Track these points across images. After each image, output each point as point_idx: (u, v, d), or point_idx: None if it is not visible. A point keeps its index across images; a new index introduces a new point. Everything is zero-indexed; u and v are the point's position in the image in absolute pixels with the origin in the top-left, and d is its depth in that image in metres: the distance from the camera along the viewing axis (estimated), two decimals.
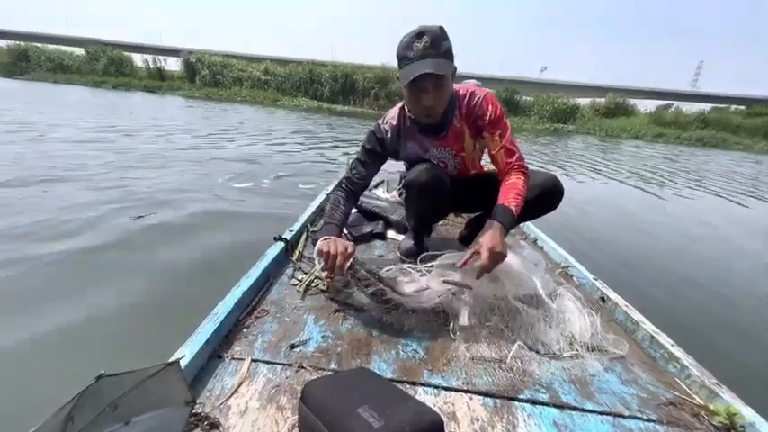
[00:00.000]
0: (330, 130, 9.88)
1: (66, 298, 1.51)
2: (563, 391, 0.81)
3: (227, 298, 0.95)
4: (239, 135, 7.01)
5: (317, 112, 16.73)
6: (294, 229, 1.46)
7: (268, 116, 12.54)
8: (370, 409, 0.57)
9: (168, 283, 1.68)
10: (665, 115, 22.00)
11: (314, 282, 1.16)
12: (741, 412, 0.75)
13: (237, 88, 21.98)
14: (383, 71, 22.07)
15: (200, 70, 22.80)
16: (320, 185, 3.21)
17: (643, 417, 0.76)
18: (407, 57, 1.07)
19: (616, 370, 0.90)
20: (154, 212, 2.51)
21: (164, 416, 0.54)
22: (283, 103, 19.56)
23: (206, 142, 5.81)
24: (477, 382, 0.81)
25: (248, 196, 3.12)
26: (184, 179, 3.43)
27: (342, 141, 7.56)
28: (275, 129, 8.76)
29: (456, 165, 1.33)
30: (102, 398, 0.45)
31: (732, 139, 19.44)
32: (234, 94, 20.88)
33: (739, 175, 8.65)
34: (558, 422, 0.73)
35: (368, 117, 15.66)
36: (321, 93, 21.90)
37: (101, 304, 1.49)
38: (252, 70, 23.27)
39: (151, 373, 0.50)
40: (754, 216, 4.67)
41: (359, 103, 21.47)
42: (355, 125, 11.69)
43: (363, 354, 0.87)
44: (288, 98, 21.05)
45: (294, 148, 6.03)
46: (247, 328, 0.93)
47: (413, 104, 1.17)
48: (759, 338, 1.76)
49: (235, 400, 0.71)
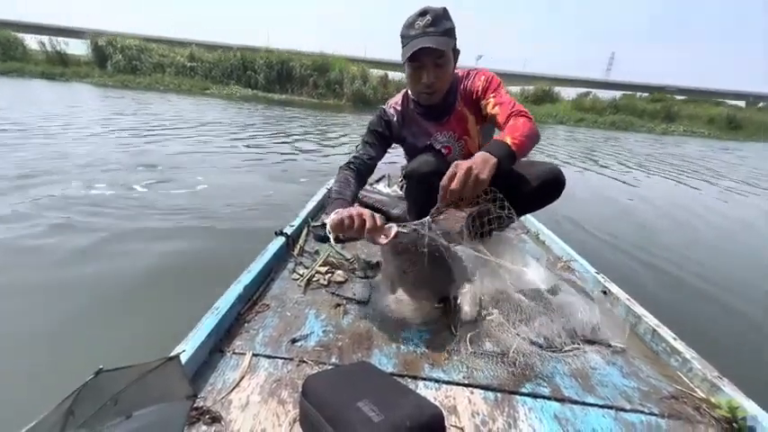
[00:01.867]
0: (285, 121, 8.71)
1: (65, 293, 1.52)
2: (564, 384, 0.81)
3: (228, 292, 0.95)
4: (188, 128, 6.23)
5: (252, 100, 15.13)
6: (295, 223, 1.46)
7: (208, 107, 10.94)
8: (371, 404, 0.57)
9: (169, 278, 1.68)
10: (585, 102, 23.63)
11: (315, 276, 1.16)
12: (743, 405, 0.75)
13: (159, 75, 18.93)
14: (321, 58, 20.30)
15: (113, 55, 19.25)
16: (317, 182, 3.20)
17: (644, 410, 0.76)
18: (409, 35, 1.10)
19: (617, 363, 0.90)
20: (147, 209, 2.51)
21: (165, 410, 0.54)
22: (213, 92, 17.41)
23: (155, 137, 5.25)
24: (478, 376, 0.81)
25: (248, 189, 3.12)
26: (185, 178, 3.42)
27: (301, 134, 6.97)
28: (216, 121, 7.73)
29: (460, 149, 1.32)
30: (103, 392, 0.45)
31: (638, 122, 21.61)
32: (155, 82, 17.95)
33: (652, 155, 9.32)
34: (559, 416, 0.73)
35: (308, 106, 14.81)
36: (255, 80, 19.55)
37: (101, 299, 1.50)
38: (175, 56, 20.23)
39: (151, 368, 0.50)
40: (700, 196, 4.91)
41: (297, 91, 19.52)
42: (300, 115, 10.47)
43: (364, 348, 0.87)
44: (218, 86, 18.67)
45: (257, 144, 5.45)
46: (248, 322, 0.93)
47: (413, 82, 1.18)
48: (761, 331, 1.76)
49: (236, 395, 0.71)
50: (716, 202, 4.73)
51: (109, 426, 0.46)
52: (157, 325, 1.33)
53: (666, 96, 26.60)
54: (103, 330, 1.34)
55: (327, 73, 19.62)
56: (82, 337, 1.30)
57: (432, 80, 1.14)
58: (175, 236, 2.12)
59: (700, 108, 24.27)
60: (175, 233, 2.15)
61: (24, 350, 1.23)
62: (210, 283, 1.08)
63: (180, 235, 2.13)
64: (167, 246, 1.98)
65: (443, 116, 1.26)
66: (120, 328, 1.36)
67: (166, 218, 2.36)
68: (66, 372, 0.65)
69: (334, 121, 10.10)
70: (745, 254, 2.89)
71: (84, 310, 1.42)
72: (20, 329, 1.30)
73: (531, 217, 1.87)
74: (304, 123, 8.76)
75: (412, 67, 1.14)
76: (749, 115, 24.03)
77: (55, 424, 0.40)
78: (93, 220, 2.22)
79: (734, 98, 32.21)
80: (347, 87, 19.00)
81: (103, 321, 1.38)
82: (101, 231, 2.07)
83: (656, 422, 0.74)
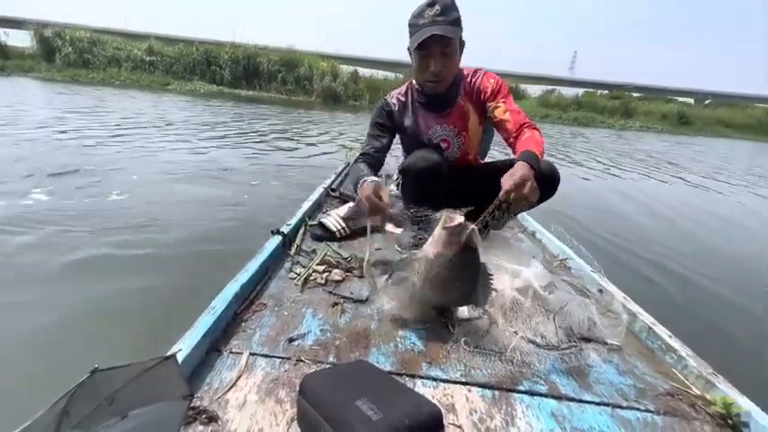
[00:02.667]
0: (258, 119, 8.31)
1: (60, 292, 1.51)
2: (561, 382, 0.81)
3: (224, 292, 0.94)
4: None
5: (218, 97, 14.36)
6: (292, 222, 1.45)
7: (170, 104, 10.25)
8: (369, 402, 0.57)
9: (165, 277, 1.67)
10: (550, 98, 24.40)
11: (312, 275, 1.16)
12: (737, 402, 0.76)
13: (115, 70, 17.64)
14: (289, 53, 19.54)
15: (62, 47, 17.68)
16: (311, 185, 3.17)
17: (640, 407, 0.77)
18: (417, 24, 1.13)
19: (614, 361, 0.91)
20: (145, 209, 2.49)
21: (161, 410, 0.53)
22: (175, 88, 16.39)
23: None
24: (476, 375, 0.81)
25: (247, 191, 3.11)
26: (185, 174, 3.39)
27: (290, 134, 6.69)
28: (184, 119, 7.20)
29: (459, 144, 1.34)
30: (98, 392, 0.44)
31: (599, 118, 22.56)
32: (110, 77, 16.73)
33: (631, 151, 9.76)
34: (555, 413, 0.73)
35: (277, 102, 14.08)
36: (221, 76, 18.54)
37: (98, 299, 1.49)
38: (132, 49, 18.83)
39: (147, 367, 0.49)
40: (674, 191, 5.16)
41: (265, 87, 18.62)
42: (269, 112, 9.90)
43: (362, 347, 0.87)
44: (180, 82, 17.54)
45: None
46: (245, 321, 0.92)
47: (420, 70, 1.21)
48: (755, 329, 1.78)
49: (233, 394, 0.71)
50: (696, 197, 4.89)
51: (104, 426, 0.46)
52: (154, 324, 1.32)
53: (624, 94, 27.82)
54: (99, 330, 1.33)
55: (296, 69, 18.88)
56: (77, 336, 1.28)
57: (439, 68, 1.17)
58: (165, 238, 2.10)
59: (653, 105, 25.61)
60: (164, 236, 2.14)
61: (19, 350, 1.21)
62: (207, 283, 1.07)
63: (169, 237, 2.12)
64: (158, 249, 1.96)
65: (445, 108, 1.29)
66: (117, 327, 1.35)
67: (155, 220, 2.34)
68: (62, 371, 0.64)
69: (309, 118, 9.58)
70: (739, 251, 2.92)
71: (80, 310, 1.41)
72: (14, 329, 1.29)
73: (527, 215, 1.88)
74: (276, 122, 8.26)
75: (420, 56, 1.17)
76: (697, 112, 25.65)
77: (49, 424, 0.39)
78: (87, 219, 2.20)
79: (684, 96, 34.37)
80: (317, 84, 18.36)
81: (99, 321, 1.37)
82: (93, 230, 2.06)
83: (652, 419, 0.74)
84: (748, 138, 22.13)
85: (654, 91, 34.46)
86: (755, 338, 1.70)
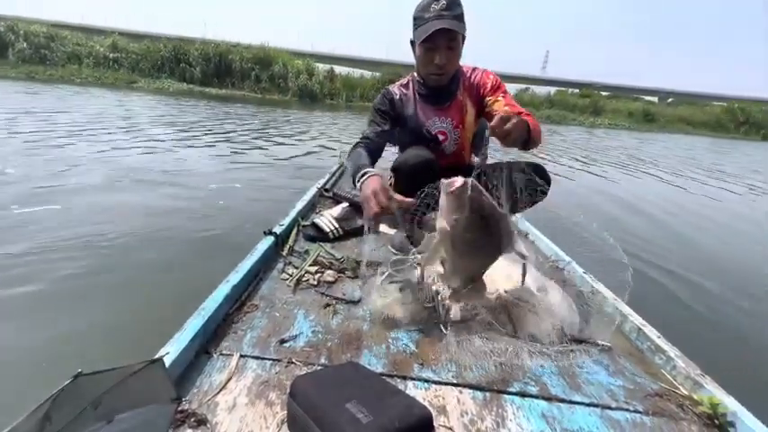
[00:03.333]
0: (236, 119, 8.01)
1: (47, 293, 1.48)
2: (552, 383, 0.82)
3: (215, 293, 0.93)
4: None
5: (188, 95, 13.73)
6: (284, 223, 1.44)
7: (142, 102, 9.78)
8: (359, 404, 0.56)
9: (155, 279, 1.65)
10: (524, 97, 25.28)
11: (304, 276, 1.15)
12: (724, 402, 0.77)
13: (75, 67, 16.52)
14: (263, 51, 18.97)
15: (15, 43, 16.33)
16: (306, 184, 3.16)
17: (630, 408, 0.78)
18: (423, 17, 1.16)
19: (604, 362, 0.91)
20: (138, 208, 2.46)
21: (148, 413, 0.52)
22: (142, 86, 15.56)
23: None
24: (467, 376, 0.81)
25: (233, 194, 3.09)
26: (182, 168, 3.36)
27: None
28: (158, 119, 6.86)
29: (455, 138, 1.36)
30: (82, 396, 0.44)
31: (570, 116, 23.44)
32: (70, 75, 15.61)
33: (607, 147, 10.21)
34: (546, 414, 0.74)
35: (251, 101, 13.69)
36: (191, 74, 17.67)
37: (85, 300, 1.46)
38: (94, 45, 17.78)
39: (133, 371, 0.48)
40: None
41: (238, 85, 18.08)
42: (245, 112, 9.51)
43: (354, 348, 0.87)
44: (148, 80, 16.69)
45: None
46: (236, 323, 0.91)
47: (425, 63, 1.24)
48: (742, 330, 1.81)
49: (223, 397, 0.70)
50: (678, 194, 5.01)
51: (89, 431, 0.45)
52: (143, 326, 1.31)
53: (593, 92, 29.04)
54: (88, 332, 1.31)
55: (270, 67, 18.39)
56: (64, 339, 1.26)
57: (444, 61, 1.20)
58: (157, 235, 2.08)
59: (620, 103, 26.97)
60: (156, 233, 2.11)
61: (3, 352, 1.19)
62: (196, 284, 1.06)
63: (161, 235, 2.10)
64: (149, 247, 1.94)
65: (445, 102, 1.33)
66: (105, 329, 1.33)
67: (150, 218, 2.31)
68: (46, 375, 0.63)
69: (286, 117, 9.32)
70: (729, 252, 2.96)
71: (67, 311, 1.39)
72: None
73: (519, 216, 1.88)
74: (251, 121, 8.01)
75: (425, 48, 1.20)
76: (661, 110, 27.48)
77: (30, 430, 0.38)
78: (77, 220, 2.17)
79: (648, 94, 36.41)
80: (292, 82, 18.06)
81: (87, 322, 1.35)
82: (83, 230, 2.03)
83: (641, 419, 0.75)
84: (706, 134, 23.73)
85: (621, 90, 36.76)
86: (742, 339, 1.73)
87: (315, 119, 9.35)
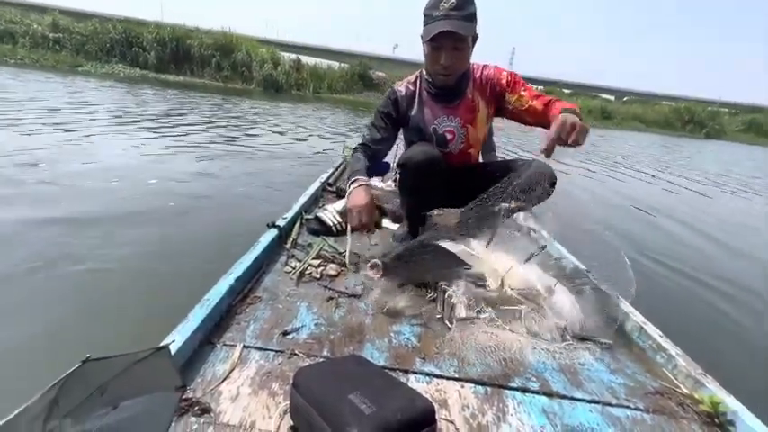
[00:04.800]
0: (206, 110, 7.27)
1: (53, 282, 1.49)
2: (553, 379, 0.82)
3: (219, 284, 0.94)
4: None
5: (142, 82, 12.47)
6: (288, 216, 1.44)
7: (92, 87, 8.83)
8: (362, 396, 0.57)
9: (159, 270, 1.66)
10: None
11: (307, 269, 1.16)
12: (725, 401, 0.77)
13: (9, 47, 14.83)
14: (224, 37, 17.45)
15: None
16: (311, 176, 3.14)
17: (630, 405, 0.78)
18: (432, 15, 1.12)
19: (605, 360, 0.92)
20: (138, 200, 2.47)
21: (153, 400, 0.53)
22: (88, 70, 14.02)
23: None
24: (469, 371, 0.81)
25: (243, 183, 3.09)
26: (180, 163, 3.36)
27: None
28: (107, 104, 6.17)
29: (463, 137, 1.33)
30: (89, 382, 0.44)
31: None
32: (3, 55, 14.15)
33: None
34: (547, 410, 0.74)
35: (213, 90, 12.65)
36: (145, 59, 16.00)
37: (91, 288, 1.47)
38: (31, 23, 15.86)
39: (140, 358, 0.49)
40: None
41: (198, 72, 16.55)
42: (208, 102, 8.55)
43: (356, 341, 0.87)
44: (95, 64, 15.00)
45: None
46: (239, 314, 0.92)
47: (431, 62, 1.21)
48: (745, 330, 1.81)
49: (226, 386, 0.70)
50: (662, 193, 5.08)
51: (95, 415, 0.45)
52: (147, 315, 1.31)
53: (557, 90, 29.41)
54: (92, 319, 1.32)
55: (232, 54, 16.97)
56: (70, 325, 1.27)
57: (449, 63, 1.17)
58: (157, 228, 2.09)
59: (580, 101, 27.37)
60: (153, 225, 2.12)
61: (10, 339, 1.20)
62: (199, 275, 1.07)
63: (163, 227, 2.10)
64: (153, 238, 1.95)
65: (453, 100, 1.29)
66: (110, 317, 1.34)
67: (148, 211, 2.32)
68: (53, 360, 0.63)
69: (254, 110, 8.23)
70: (731, 253, 2.95)
71: (73, 299, 1.40)
72: (5, 318, 1.27)
73: (523, 215, 1.88)
74: (216, 111, 7.32)
75: (431, 47, 1.17)
76: (617, 108, 28.44)
77: (39, 414, 0.39)
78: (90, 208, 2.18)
79: (606, 93, 38.32)
80: (256, 71, 16.77)
81: (92, 311, 1.36)
82: (88, 218, 2.04)
83: (642, 417, 0.75)
84: (656, 131, 24.68)
85: (582, 88, 38.50)
86: (745, 340, 1.73)
87: (276, 110, 8.39)
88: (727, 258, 2.85)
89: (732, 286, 2.27)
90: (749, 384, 0.99)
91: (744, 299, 2.14)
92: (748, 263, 2.83)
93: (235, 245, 1.26)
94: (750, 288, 2.30)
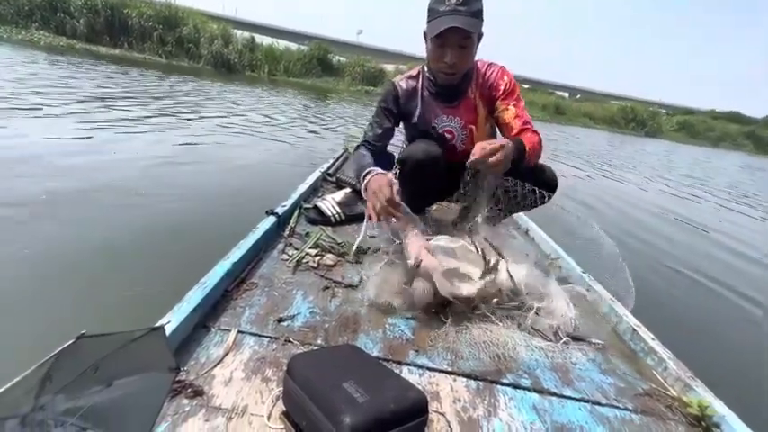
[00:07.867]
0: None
1: (49, 255, 1.48)
2: (544, 377, 0.83)
3: (216, 268, 0.93)
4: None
5: (69, 53, 10.73)
6: (287, 204, 1.44)
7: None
8: (356, 384, 0.57)
9: (156, 251, 1.65)
10: None
11: (304, 258, 1.15)
12: (712, 405, 0.78)
13: None
14: (168, 9, 15.53)
15: None
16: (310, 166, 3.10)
17: (619, 405, 0.79)
18: (437, 10, 1.09)
19: (597, 360, 0.92)
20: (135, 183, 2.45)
21: (146, 380, 0.53)
22: (0, 34, 11.94)
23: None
24: (462, 365, 0.82)
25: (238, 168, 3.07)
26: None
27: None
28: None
29: (463, 137, 1.32)
30: (83, 358, 0.44)
31: None
32: None
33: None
34: (537, 406, 0.75)
35: (154, 66, 11.35)
36: (73, 27, 13.95)
37: (86, 264, 1.46)
38: None
39: (135, 337, 0.48)
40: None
41: (137, 46, 14.75)
42: (151, 81, 7.40)
43: (351, 331, 0.87)
44: (9, 28, 12.94)
45: None
46: (235, 299, 0.92)
47: (435, 59, 1.18)
48: (735, 335, 1.83)
49: (220, 370, 0.70)
50: (651, 194, 5.18)
51: (88, 393, 0.45)
52: (143, 296, 1.31)
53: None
54: (87, 297, 1.31)
55: (178, 28, 15.25)
56: (65, 299, 1.27)
57: (454, 61, 1.13)
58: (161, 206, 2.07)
59: (536, 96, 28.51)
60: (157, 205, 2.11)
61: (2, 314, 1.19)
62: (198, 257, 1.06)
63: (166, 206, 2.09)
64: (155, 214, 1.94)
65: (454, 100, 1.27)
66: (104, 298, 1.33)
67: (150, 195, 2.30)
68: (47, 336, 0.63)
69: (208, 93, 7.09)
70: (728, 259, 2.98)
71: (69, 275, 1.39)
72: None
73: (522, 214, 1.88)
74: (163, 90, 6.44)
75: (436, 44, 1.13)
76: (569, 104, 30.12)
77: (31, 387, 0.38)
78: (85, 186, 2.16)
79: (560, 90, 40.56)
80: (205, 48, 15.25)
81: (88, 287, 1.35)
82: (89, 195, 2.02)
83: (630, 417, 0.76)
84: (604, 128, 26.19)
85: (541, 84, 40.68)
86: (734, 345, 1.75)
87: (230, 93, 7.45)
88: (724, 262, 2.88)
89: (727, 290, 2.30)
90: (737, 389, 1.00)
91: (738, 305, 2.16)
92: (747, 266, 2.85)
93: (223, 229, 1.22)
94: (745, 293, 2.33)
